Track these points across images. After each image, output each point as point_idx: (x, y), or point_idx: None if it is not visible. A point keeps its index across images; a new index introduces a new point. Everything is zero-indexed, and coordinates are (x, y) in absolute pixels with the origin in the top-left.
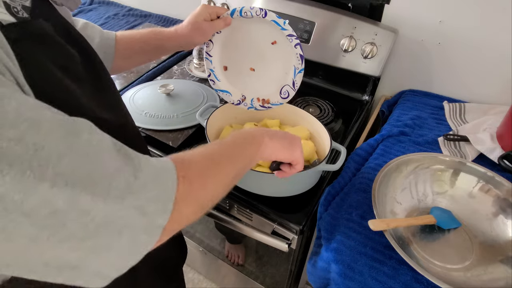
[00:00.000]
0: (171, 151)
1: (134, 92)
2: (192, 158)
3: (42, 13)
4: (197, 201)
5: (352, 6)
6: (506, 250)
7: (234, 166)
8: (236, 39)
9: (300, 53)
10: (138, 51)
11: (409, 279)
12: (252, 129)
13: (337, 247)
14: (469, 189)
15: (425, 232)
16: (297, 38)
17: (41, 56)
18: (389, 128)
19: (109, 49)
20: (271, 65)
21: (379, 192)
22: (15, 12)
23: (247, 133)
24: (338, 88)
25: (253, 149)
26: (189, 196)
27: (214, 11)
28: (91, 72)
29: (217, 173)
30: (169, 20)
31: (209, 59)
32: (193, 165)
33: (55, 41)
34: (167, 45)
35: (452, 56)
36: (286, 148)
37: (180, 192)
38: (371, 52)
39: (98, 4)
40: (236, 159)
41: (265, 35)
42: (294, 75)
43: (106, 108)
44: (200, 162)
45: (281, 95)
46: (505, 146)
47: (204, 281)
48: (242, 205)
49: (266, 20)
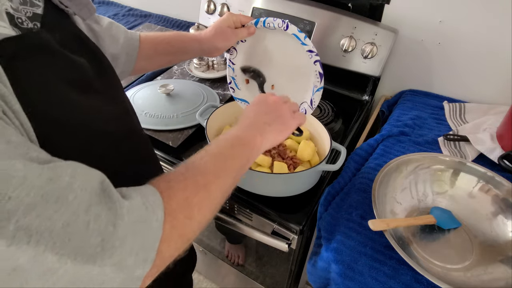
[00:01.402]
0: (171, 151)
1: (134, 92)
2: (176, 185)
3: (54, 21)
4: (181, 237)
5: (352, 6)
6: (506, 250)
7: (223, 182)
8: (259, 50)
9: (320, 71)
10: (162, 52)
11: (409, 279)
12: (241, 128)
13: (337, 247)
14: (469, 189)
15: (425, 232)
16: (317, 54)
17: (41, 69)
18: (389, 128)
19: (132, 49)
20: (291, 80)
21: (379, 192)
22: (19, 23)
23: (234, 137)
24: (338, 88)
25: (245, 154)
26: (173, 235)
27: (238, 20)
28: (102, 80)
29: (205, 197)
30: (169, 20)
31: (231, 67)
32: (178, 194)
33: (58, 53)
34: (190, 47)
35: (452, 56)
36: (281, 131)
37: (164, 234)
38: (371, 52)
39: (98, 4)
40: (225, 173)
41: (286, 49)
42: (312, 93)
43: (114, 118)
44: (186, 188)
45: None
46: (505, 146)
47: (204, 281)
48: (242, 205)
49: (287, 33)
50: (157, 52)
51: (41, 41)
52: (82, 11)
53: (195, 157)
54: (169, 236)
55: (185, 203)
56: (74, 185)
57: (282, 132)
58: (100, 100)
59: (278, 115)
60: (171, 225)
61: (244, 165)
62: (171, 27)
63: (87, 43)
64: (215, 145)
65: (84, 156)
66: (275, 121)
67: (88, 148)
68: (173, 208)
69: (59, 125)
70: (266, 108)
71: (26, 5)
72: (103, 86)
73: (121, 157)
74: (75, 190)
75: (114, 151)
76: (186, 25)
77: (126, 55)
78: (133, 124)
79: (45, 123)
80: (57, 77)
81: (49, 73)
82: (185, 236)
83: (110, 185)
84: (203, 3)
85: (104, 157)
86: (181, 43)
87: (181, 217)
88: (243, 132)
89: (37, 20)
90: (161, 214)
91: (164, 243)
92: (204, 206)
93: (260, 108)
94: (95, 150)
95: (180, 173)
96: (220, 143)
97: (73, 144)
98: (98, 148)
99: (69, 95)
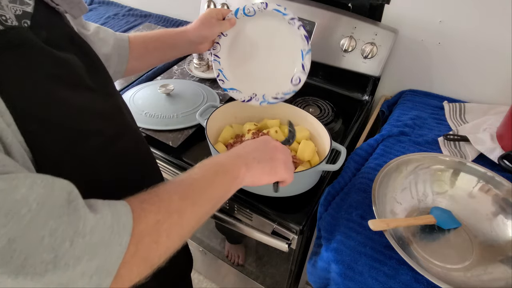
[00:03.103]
0: (171, 151)
1: (134, 92)
2: (149, 207)
3: (43, 20)
4: (145, 261)
5: (352, 6)
6: (506, 250)
7: (199, 209)
8: (242, 40)
9: (304, 34)
10: (152, 50)
11: (409, 279)
12: (228, 157)
13: (337, 247)
14: (469, 189)
15: (425, 232)
16: (299, 20)
17: (24, 66)
18: (389, 128)
19: (124, 49)
20: (278, 57)
21: (379, 192)
22: (3, 20)
23: (220, 164)
24: (338, 88)
25: (226, 185)
26: (136, 259)
27: (220, 12)
28: (94, 77)
29: (177, 223)
30: (169, 20)
31: (217, 60)
32: (149, 217)
33: (41, 50)
34: (178, 40)
35: (452, 56)
36: (267, 174)
37: (126, 257)
38: (371, 52)
39: (98, 4)
40: (203, 201)
41: (268, 29)
42: (302, 58)
43: (103, 117)
44: (158, 211)
45: (292, 82)
46: (505, 146)
47: (204, 281)
48: (242, 205)
49: (268, 12)
50: (148, 49)
51: (21, 37)
52: (73, 10)
53: (176, 180)
54: (131, 260)
55: (155, 227)
56: (30, 198)
57: (267, 174)
58: (90, 97)
59: (271, 158)
60: (135, 248)
61: (223, 195)
62: (171, 27)
63: (78, 41)
64: (199, 169)
65: (70, 155)
66: (266, 162)
67: (74, 147)
68: (140, 230)
69: (42, 122)
70: (263, 148)
71: (16, 3)
72: (94, 83)
73: (113, 156)
74: (29, 203)
75: (104, 150)
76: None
77: (118, 56)
78: (126, 122)
79: (27, 120)
80: (39, 73)
81: (31, 68)
82: (150, 261)
83: (79, 197)
84: (203, 3)
85: (92, 156)
86: (169, 37)
87: (147, 241)
88: (230, 160)
89: (27, 18)
90: (126, 238)
91: (125, 267)
92: (174, 232)
93: (258, 145)
94: (82, 149)
95: (155, 194)
96: (204, 167)
97: (58, 143)
98: (85, 147)
99: (54, 91)
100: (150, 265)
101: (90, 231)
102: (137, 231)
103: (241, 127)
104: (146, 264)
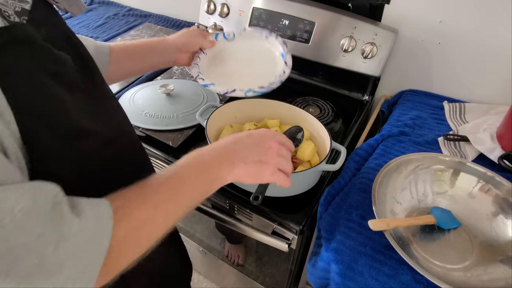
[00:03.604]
0: (171, 151)
1: (134, 92)
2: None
3: (41, 17)
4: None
5: (352, 6)
6: (506, 250)
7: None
8: (224, 57)
9: (283, 41)
10: (132, 54)
11: (409, 279)
12: (213, 156)
13: (337, 247)
14: (469, 189)
15: (425, 232)
16: (275, 32)
17: (26, 62)
18: (389, 128)
19: (104, 54)
20: (259, 65)
21: (379, 192)
22: (6, 16)
23: (202, 164)
24: (338, 88)
25: (207, 185)
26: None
27: (202, 32)
28: (86, 79)
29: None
30: (169, 20)
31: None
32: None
33: (42, 46)
34: (158, 46)
35: (452, 56)
36: (251, 176)
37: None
38: (371, 52)
39: (98, 4)
40: (184, 203)
41: (249, 46)
42: (283, 57)
43: (99, 119)
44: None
45: (277, 76)
46: (505, 146)
47: (204, 281)
48: (242, 205)
49: (246, 34)
50: (128, 53)
51: (26, 33)
52: (72, 7)
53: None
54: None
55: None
56: (15, 208)
57: (251, 177)
58: (83, 99)
59: (260, 161)
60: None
61: (204, 194)
62: (171, 27)
63: (74, 41)
64: (181, 168)
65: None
66: (253, 164)
67: (69, 145)
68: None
69: (41, 118)
70: (256, 147)
71: (15, 0)
72: (86, 85)
73: (106, 159)
74: (14, 213)
75: (98, 152)
76: (186, 25)
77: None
78: (120, 125)
79: (27, 115)
80: (41, 69)
81: (32, 65)
82: (128, 260)
83: (63, 200)
84: (203, 3)
85: (85, 156)
86: (149, 43)
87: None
88: (215, 161)
89: (25, 15)
90: (107, 243)
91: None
92: (154, 232)
93: (251, 142)
94: (76, 148)
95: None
96: (189, 166)
97: (53, 141)
98: (80, 146)
99: (53, 88)
100: (128, 263)
101: (75, 233)
102: (117, 234)
103: (241, 127)
104: (125, 263)
